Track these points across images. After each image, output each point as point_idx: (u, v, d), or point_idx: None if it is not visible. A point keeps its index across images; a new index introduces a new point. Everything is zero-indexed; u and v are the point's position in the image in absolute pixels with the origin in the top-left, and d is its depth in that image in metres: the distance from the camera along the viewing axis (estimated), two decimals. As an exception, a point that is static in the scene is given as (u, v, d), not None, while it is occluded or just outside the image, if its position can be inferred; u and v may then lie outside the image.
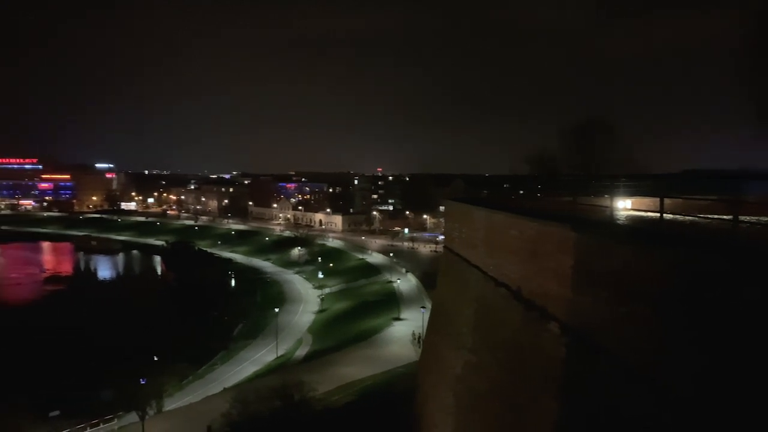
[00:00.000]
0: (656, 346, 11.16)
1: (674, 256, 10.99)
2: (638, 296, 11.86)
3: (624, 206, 23.09)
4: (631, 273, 12.28)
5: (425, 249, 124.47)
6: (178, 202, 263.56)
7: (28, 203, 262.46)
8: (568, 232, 15.68)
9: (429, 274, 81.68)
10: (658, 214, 14.54)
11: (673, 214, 15.46)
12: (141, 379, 43.92)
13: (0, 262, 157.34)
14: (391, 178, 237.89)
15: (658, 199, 15.52)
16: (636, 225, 17.44)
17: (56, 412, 47.75)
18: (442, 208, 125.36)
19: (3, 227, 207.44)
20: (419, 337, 56.58)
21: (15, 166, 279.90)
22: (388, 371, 50.43)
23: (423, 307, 60.20)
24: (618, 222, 18.39)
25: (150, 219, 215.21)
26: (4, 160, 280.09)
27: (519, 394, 18.10)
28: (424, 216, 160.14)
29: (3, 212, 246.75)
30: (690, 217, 14.49)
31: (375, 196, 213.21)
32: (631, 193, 24.55)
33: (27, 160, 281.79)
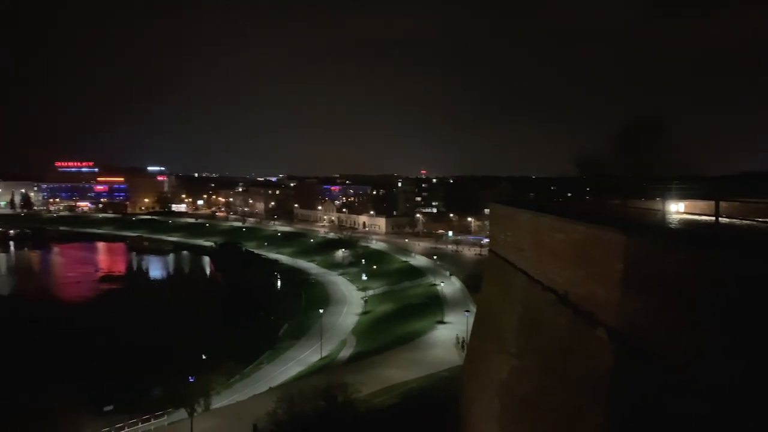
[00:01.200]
0: (710, 354, 10.77)
1: (728, 260, 10.59)
2: (691, 302, 11.47)
3: (677, 210, 22.38)
4: (684, 278, 11.89)
5: (469, 252, 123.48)
6: (227, 204, 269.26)
7: (84, 205, 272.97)
8: (617, 235, 15.30)
9: (473, 278, 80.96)
10: (714, 218, 14.03)
11: (729, 217, 14.90)
12: (190, 377, 45.01)
13: (59, 262, 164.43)
14: (435, 180, 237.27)
15: (713, 202, 14.99)
16: (689, 229, 16.88)
17: (110, 407, 49.38)
18: (486, 210, 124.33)
19: (62, 228, 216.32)
20: (463, 341, 56.22)
21: (73, 169, 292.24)
22: (431, 375, 50.19)
23: (467, 311, 59.69)
24: (670, 226, 17.83)
25: (199, 220, 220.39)
26: (63, 164, 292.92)
27: (566, 400, 17.74)
28: (469, 219, 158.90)
29: (62, 213, 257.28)
30: (748, 221, 13.93)
31: (418, 199, 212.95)
32: (684, 195, 23.79)
33: (84, 164, 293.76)
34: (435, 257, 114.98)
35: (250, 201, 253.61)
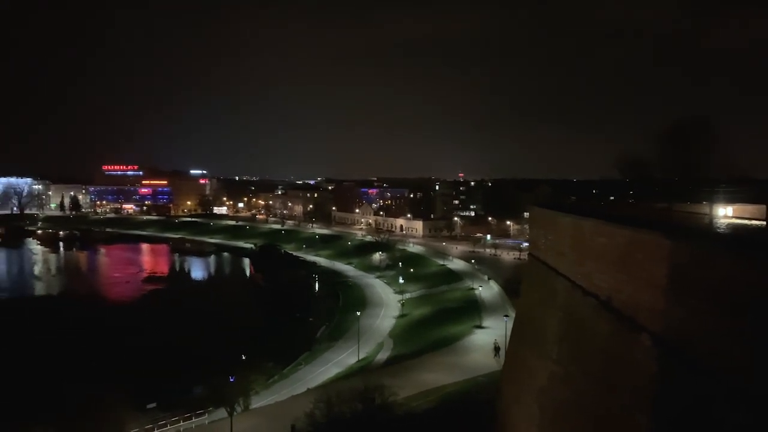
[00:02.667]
0: (758, 362, 10.44)
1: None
2: (739, 308, 11.15)
3: (725, 214, 21.74)
4: (732, 284, 11.56)
5: (508, 256, 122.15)
6: (266, 207, 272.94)
7: (129, 207, 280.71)
8: (663, 240, 14.99)
9: (512, 282, 79.99)
10: (765, 222, 13.60)
11: (781, 222, 14.41)
12: (230, 377, 45.73)
13: (105, 262, 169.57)
14: (473, 183, 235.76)
15: (764, 206, 14.54)
16: (738, 233, 16.39)
17: (153, 405, 50.56)
18: (526, 214, 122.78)
19: (108, 229, 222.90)
20: (498, 348, 55.65)
21: (119, 173, 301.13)
22: (469, 379, 49.81)
23: (506, 316, 59.07)
24: (718, 230, 17.35)
25: (240, 223, 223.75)
26: (109, 168, 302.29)
27: (608, 407, 17.43)
28: (508, 222, 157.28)
29: (108, 216, 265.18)
30: (801, 226, 13.44)
31: (456, 202, 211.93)
32: (733, 199, 23.12)
33: (129, 167, 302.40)
34: (473, 261, 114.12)
35: (289, 204, 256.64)
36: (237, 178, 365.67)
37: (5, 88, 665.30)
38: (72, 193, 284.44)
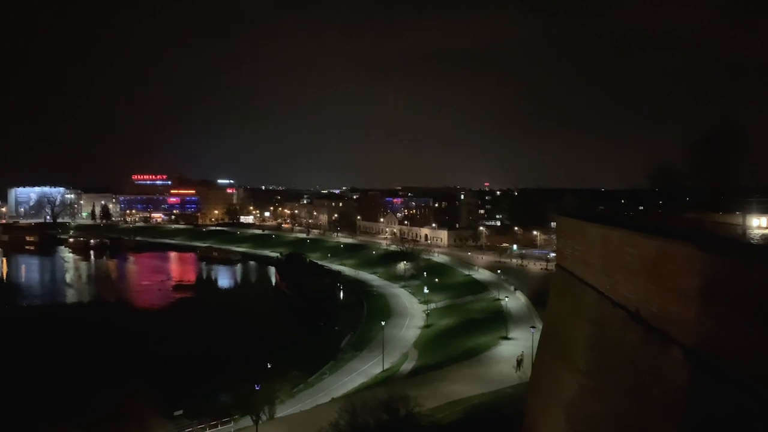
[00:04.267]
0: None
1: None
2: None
3: (758, 224, 21.28)
4: (766, 295, 11.30)
5: (535, 266, 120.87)
6: (292, 216, 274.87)
7: (158, 216, 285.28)
8: (694, 251, 14.73)
9: (539, 293, 79.13)
10: (800, 233, 13.28)
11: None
12: (256, 385, 45.97)
13: (134, 270, 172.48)
14: (498, 192, 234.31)
15: (799, 216, 14.20)
16: (773, 244, 16.01)
17: (180, 411, 51.06)
18: (553, 224, 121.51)
19: (137, 238, 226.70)
20: (520, 361, 54.97)
21: (148, 182, 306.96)
22: (495, 391, 49.30)
23: (533, 327, 58.38)
24: (751, 241, 16.98)
25: (266, 232, 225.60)
26: (139, 177, 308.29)
27: (638, 420, 17.11)
28: (534, 232, 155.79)
29: (137, 224, 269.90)
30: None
31: (482, 211, 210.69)
32: (767, 209, 22.60)
33: (158, 177, 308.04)
34: (499, 271, 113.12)
35: (314, 213, 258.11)
36: (263, 187, 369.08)
37: (41, 100, 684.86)
38: (103, 202, 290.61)
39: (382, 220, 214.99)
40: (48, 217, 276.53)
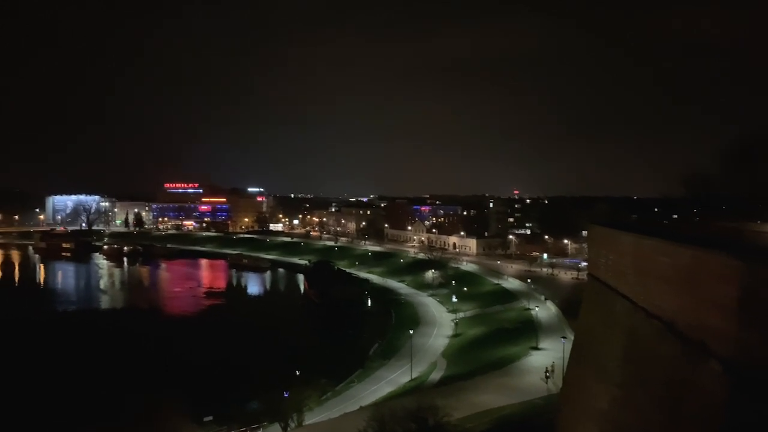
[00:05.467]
0: None
1: None
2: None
3: (800, 233, 20.63)
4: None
5: (566, 276, 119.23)
6: (320, 224, 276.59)
7: (189, 224, 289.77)
8: (732, 260, 14.33)
9: (570, 303, 77.99)
10: None
11: None
12: (285, 392, 46.20)
13: (166, 277, 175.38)
14: (528, 200, 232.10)
15: None
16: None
17: (209, 417, 51.56)
18: (584, 232, 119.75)
19: (169, 245, 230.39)
20: (549, 372, 54.16)
21: (180, 190, 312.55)
22: (525, 402, 48.63)
23: (563, 337, 57.51)
24: (793, 251, 16.45)
25: (295, 239, 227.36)
26: (171, 185, 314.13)
27: (674, 436, 16.66)
28: (565, 241, 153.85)
29: (169, 232, 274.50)
30: None
31: (511, 220, 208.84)
32: (809, 218, 21.89)
33: (190, 185, 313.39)
34: (529, 280, 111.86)
35: (342, 221, 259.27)
36: (292, 195, 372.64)
37: (79, 112, 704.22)
38: (136, 210, 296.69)
39: (409, 228, 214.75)
40: (83, 224, 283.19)
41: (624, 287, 22.67)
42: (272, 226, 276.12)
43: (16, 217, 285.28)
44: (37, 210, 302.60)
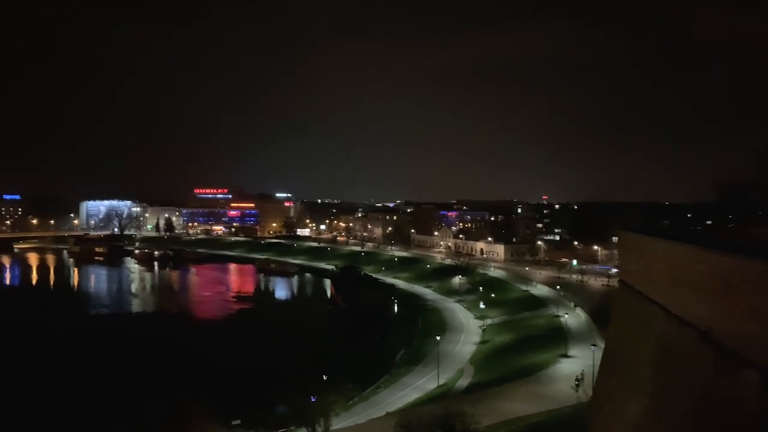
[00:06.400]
0: None
1: None
2: None
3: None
4: None
5: (596, 282, 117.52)
6: (347, 229, 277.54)
7: (219, 229, 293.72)
8: (770, 268, 13.92)
9: (600, 310, 76.92)
10: None
11: None
12: (312, 397, 46.35)
13: (195, 281, 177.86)
14: (557, 206, 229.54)
15: None
16: None
17: (237, 421, 51.99)
18: (614, 238, 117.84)
19: (198, 250, 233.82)
20: (580, 380, 53.32)
21: (210, 196, 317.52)
22: (554, 410, 47.98)
23: (593, 345, 56.63)
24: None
25: (321, 244, 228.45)
26: (201, 191, 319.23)
27: (710, 448, 16.21)
28: (594, 247, 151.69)
29: (199, 236, 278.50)
30: None
31: (540, 225, 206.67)
32: None
33: (219, 191, 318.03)
34: (558, 287, 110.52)
35: (369, 226, 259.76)
36: (319, 200, 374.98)
37: (110, 117, 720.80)
38: (166, 215, 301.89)
39: (436, 233, 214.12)
40: (116, 229, 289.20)
41: (656, 294, 22.23)
42: (299, 231, 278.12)
43: (52, 221, 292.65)
44: (72, 215, 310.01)
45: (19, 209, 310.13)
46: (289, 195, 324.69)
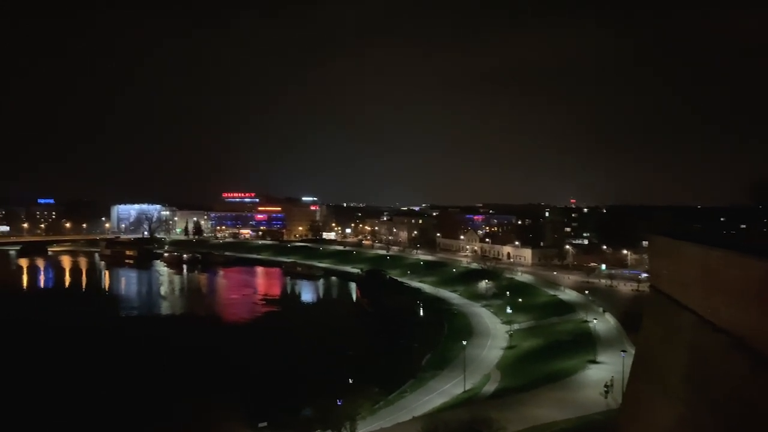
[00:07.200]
0: None
1: None
2: None
3: None
4: None
5: (625, 287, 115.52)
6: (372, 233, 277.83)
7: (246, 232, 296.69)
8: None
9: (630, 315, 75.50)
10: None
11: None
12: (338, 400, 46.43)
13: (223, 284, 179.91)
14: (586, 210, 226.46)
15: None
16: None
17: (264, 424, 52.29)
18: (645, 243, 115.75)
19: (226, 253, 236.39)
20: (609, 387, 52.41)
21: (237, 200, 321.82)
22: (582, 417, 47.22)
23: (623, 351, 55.62)
24: None
25: (347, 248, 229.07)
26: (229, 195, 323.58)
27: (746, 458, 15.79)
28: (624, 251, 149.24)
29: (227, 240, 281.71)
30: None
31: (568, 229, 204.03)
32: None
33: (247, 195, 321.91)
34: (586, 292, 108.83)
35: (394, 230, 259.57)
36: (345, 204, 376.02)
37: (144, 125, 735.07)
38: (195, 218, 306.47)
39: (462, 237, 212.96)
40: (146, 232, 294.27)
41: (689, 300, 21.77)
42: (325, 235, 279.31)
43: (84, 225, 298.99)
44: (103, 219, 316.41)
45: (53, 213, 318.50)
46: (315, 199, 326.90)
